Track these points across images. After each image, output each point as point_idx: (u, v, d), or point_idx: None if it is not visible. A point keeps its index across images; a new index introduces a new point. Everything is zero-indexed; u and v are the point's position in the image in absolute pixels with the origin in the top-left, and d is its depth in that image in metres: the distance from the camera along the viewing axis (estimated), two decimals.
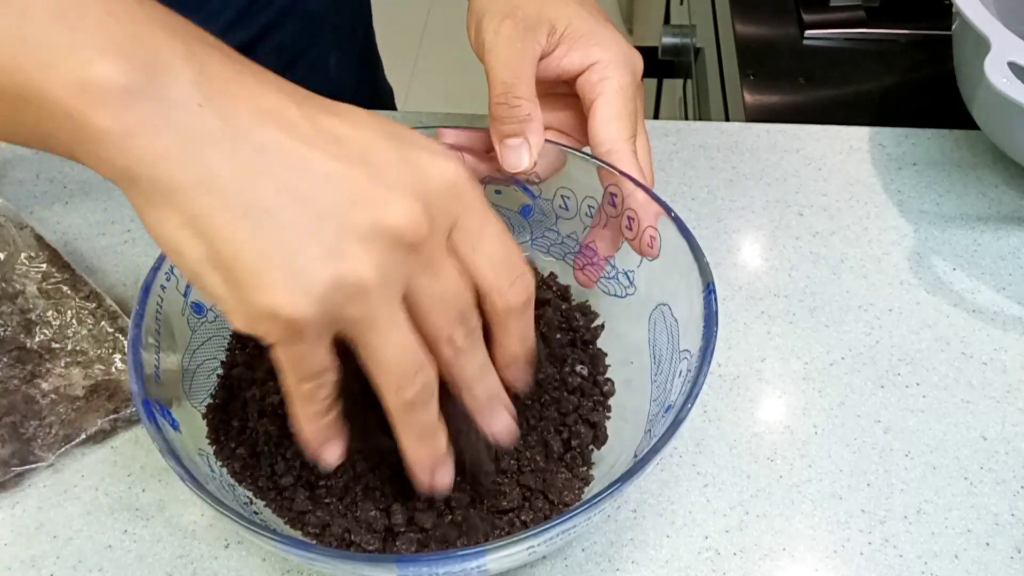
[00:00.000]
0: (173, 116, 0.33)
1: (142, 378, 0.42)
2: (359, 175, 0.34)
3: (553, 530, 0.39)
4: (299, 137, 0.34)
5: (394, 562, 0.39)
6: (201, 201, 0.33)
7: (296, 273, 0.33)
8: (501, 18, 0.51)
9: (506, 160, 0.50)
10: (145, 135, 0.33)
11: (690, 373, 0.44)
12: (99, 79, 0.32)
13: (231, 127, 0.34)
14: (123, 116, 0.33)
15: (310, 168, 0.34)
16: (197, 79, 0.34)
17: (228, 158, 0.33)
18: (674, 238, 0.48)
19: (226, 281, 0.34)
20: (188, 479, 0.40)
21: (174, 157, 0.33)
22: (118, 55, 0.33)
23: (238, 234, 0.33)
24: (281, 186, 0.34)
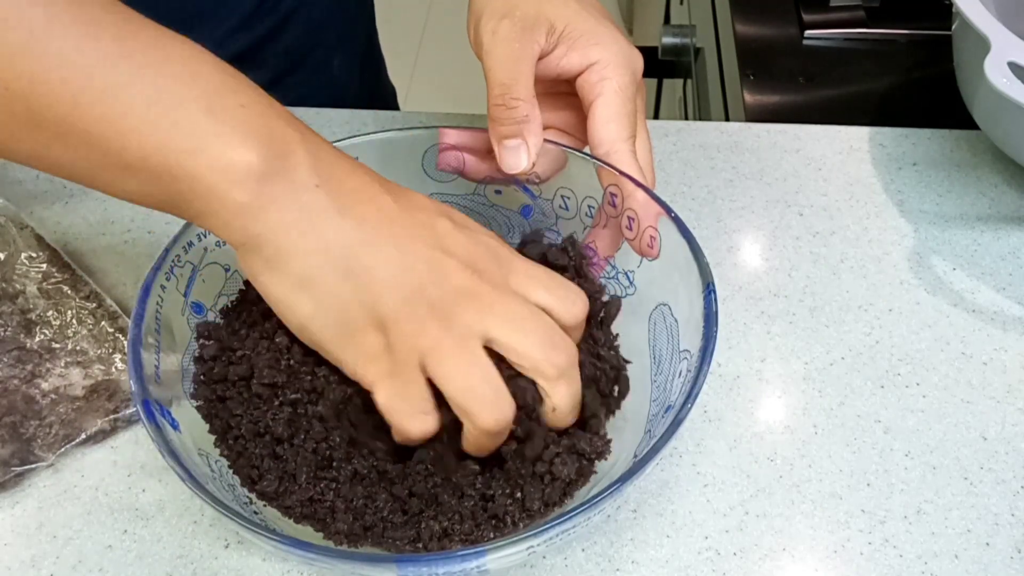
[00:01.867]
0: (297, 194, 0.41)
1: (142, 378, 0.43)
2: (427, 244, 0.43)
3: (553, 530, 0.39)
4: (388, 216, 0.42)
5: (393, 561, 0.39)
6: (315, 265, 0.41)
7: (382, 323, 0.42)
8: (499, 18, 0.51)
9: (504, 161, 0.50)
10: (275, 209, 0.40)
11: (690, 373, 0.44)
12: (241, 162, 0.39)
13: (340, 204, 0.41)
14: (259, 193, 0.40)
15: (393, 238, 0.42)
16: (314, 164, 0.41)
17: (337, 231, 0.41)
18: (674, 238, 0.48)
19: (333, 331, 0.42)
20: (188, 479, 0.40)
21: (296, 228, 0.41)
22: (256, 143, 0.40)
23: (342, 293, 0.41)
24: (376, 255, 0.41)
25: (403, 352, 0.42)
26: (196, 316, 0.48)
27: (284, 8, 0.74)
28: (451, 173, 0.54)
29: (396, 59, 0.95)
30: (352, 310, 0.41)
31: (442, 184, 0.54)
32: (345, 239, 0.41)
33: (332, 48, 0.79)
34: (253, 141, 0.40)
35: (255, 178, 0.40)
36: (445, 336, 0.41)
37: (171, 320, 0.46)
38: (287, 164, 0.40)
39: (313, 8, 0.76)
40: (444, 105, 0.87)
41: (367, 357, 0.42)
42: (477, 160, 0.53)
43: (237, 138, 0.39)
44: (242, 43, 0.72)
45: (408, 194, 0.44)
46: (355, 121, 0.70)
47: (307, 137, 0.42)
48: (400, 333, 0.41)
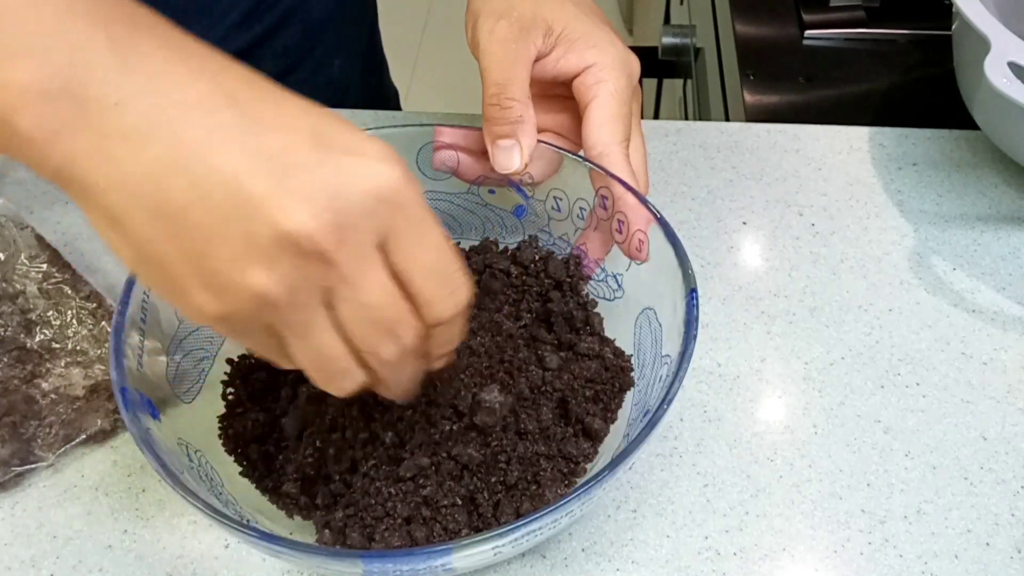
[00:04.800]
0: (91, 117, 0.33)
1: (122, 366, 0.43)
2: (267, 176, 0.33)
3: (519, 531, 0.39)
4: (218, 130, 0.33)
5: (359, 557, 0.39)
6: (118, 202, 0.33)
7: (209, 278, 0.34)
8: (496, 18, 0.51)
9: (497, 161, 0.50)
10: (65, 138, 0.33)
11: (668, 378, 0.44)
12: (18, 82, 0.32)
13: (147, 125, 0.33)
14: (43, 119, 0.32)
15: (223, 170, 0.33)
16: (118, 74, 0.33)
17: (140, 157, 0.33)
18: (661, 243, 0.48)
19: (161, 279, 0.35)
20: (160, 468, 0.40)
21: (92, 159, 0.33)
22: (35, 56, 0.32)
23: (156, 235, 0.33)
24: (193, 190, 0.33)
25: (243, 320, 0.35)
26: None
27: (283, 7, 0.74)
28: (445, 172, 0.54)
29: (396, 59, 0.95)
30: (172, 260, 0.34)
31: (436, 182, 0.55)
32: (151, 170, 0.33)
33: (332, 48, 0.79)
34: (33, 52, 0.32)
35: (36, 99, 0.32)
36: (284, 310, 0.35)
37: (158, 309, 0.47)
38: (77, 79, 0.32)
39: (313, 7, 0.76)
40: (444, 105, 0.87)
41: (206, 318, 0.35)
42: (472, 160, 0.53)
43: (12, 50, 0.32)
44: (241, 42, 0.72)
45: (269, 103, 0.35)
46: (355, 121, 0.69)
47: (120, 36, 0.33)
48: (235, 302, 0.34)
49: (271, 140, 0.33)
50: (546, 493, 0.46)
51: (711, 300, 0.60)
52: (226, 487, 0.46)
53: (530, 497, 0.46)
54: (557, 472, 0.47)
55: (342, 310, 0.36)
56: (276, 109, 0.35)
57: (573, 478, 0.48)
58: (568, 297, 0.52)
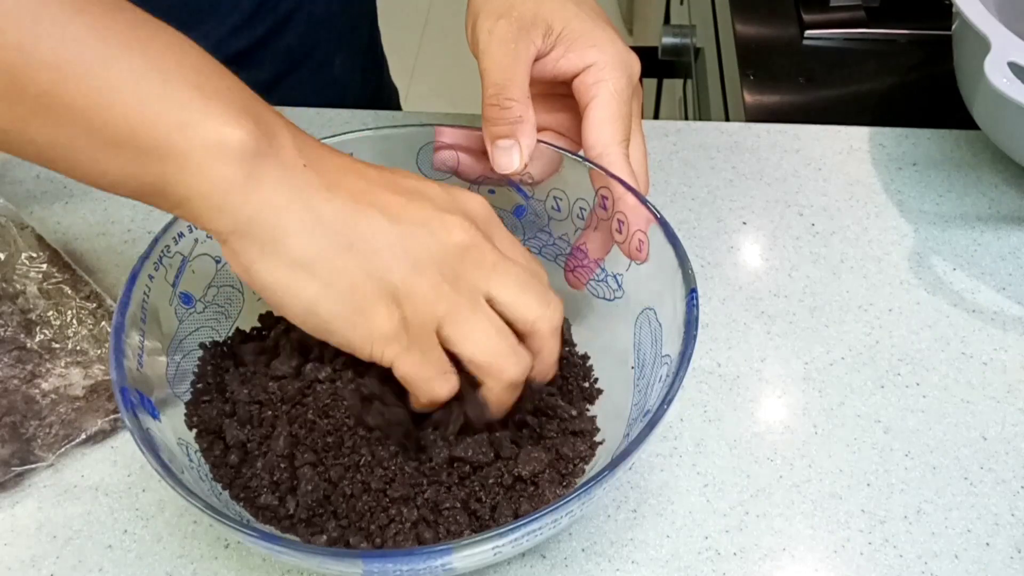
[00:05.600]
0: (287, 174, 0.40)
1: (122, 366, 0.43)
2: (425, 208, 0.42)
3: (519, 531, 0.39)
4: (375, 183, 0.42)
5: (359, 557, 0.39)
6: (314, 243, 0.40)
7: (394, 295, 0.41)
8: (496, 18, 0.51)
9: (497, 161, 0.50)
10: (267, 188, 0.40)
11: (668, 378, 0.44)
12: (234, 139, 0.39)
13: (329, 182, 0.41)
14: (252, 171, 0.39)
15: (389, 205, 0.42)
16: (298, 146, 0.41)
17: (332, 206, 0.41)
18: (661, 243, 0.48)
19: (344, 312, 0.41)
20: (160, 468, 0.40)
21: (290, 207, 0.40)
22: (246, 121, 0.39)
23: (347, 267, 0.41)
24: (375, 224, 0.41)
25: (421, 322, 0.42)
26: (184, 307, 0.48)
27: (285, 7, 0.74)
28: (445, 172, 0.54)
29: (396, 59, 0.95)
30: (361, 284, 0.41)
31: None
32: (340, 213, 0.41)
33: (333, 48, 0.79)
34: (244, 119, 0.39)
35: (247, 155, 0.39)
36: (458, 298, 0.42)
37: (158, 310, 0.47)
38: (275, 144, 0.40)
39: (314, 7, 0.76)
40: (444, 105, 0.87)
41: (382, 335, 0.42)
42: (472, 160, 0.53)
43: (229, 115, 0.39)
44: (243, 42, 0.72)
45: (391, 169, 0.44)
46: (355, 121, 0.70)
47: (287, 122, 0.42)
48: (416, 302, 0.41)
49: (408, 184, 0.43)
50: (546, 493, 0.46)
51: (711, 300, 0.60)
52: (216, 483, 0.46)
53: (529, 498, 0.46)
54: (555, 474, 0.47)
55: (503, 285, 0.43)
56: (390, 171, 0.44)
57: (572, 479, 0.48)
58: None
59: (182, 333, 0.49)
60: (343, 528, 0.45)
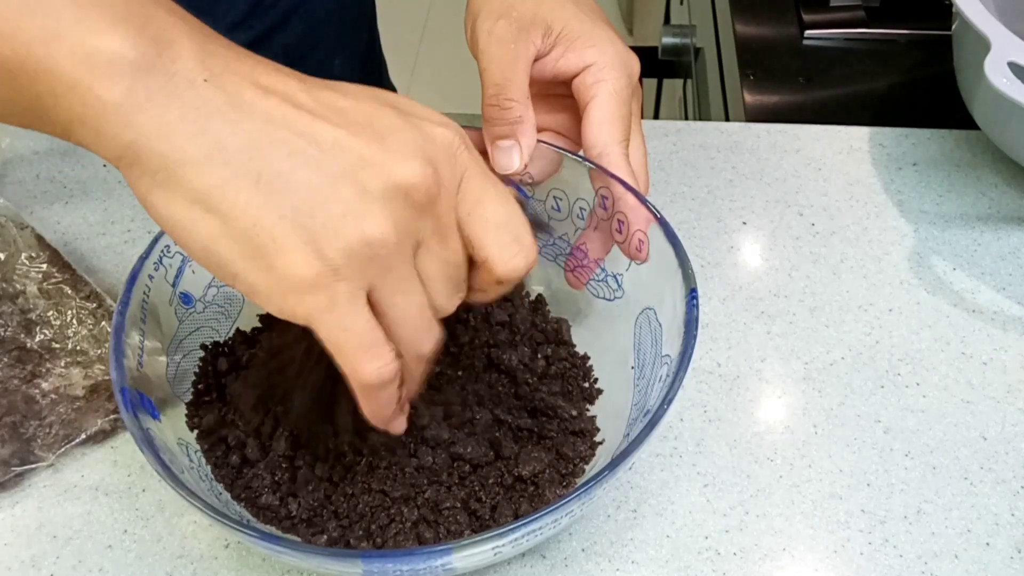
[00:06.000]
0: (180, 90, 0.33)
1: (122, 366, 0.43)
2: (367, 139, 0.35)
3: (519, 531, 0.39)
4: (303, 108, 0.35)
5: (359, 557, 0.39)
6: (212, 174, 0.33)
7: (318, 233, 0.34)
8: (495, 18, 0.51)
9: (497, 161, 0.50)
10: (152, 108, 0.33)
11: (668, 378, 0.44)
12: (108, 50, 0.32)
13: (236, 100, 0.34)
14: (131, 88, 0.33)
15: (318, 135, 0.34)
16: (201, 57, 0.34)
17: (236, 130, 0.34)
18: (661, 243, 0.48)
19: (245, 254, 0.34)
20: (160, 468, 0.40)
21: (182, 131, 0.33)
22: (126, 28, 0.33)
23: (253, 201, 0.33)
24: (291, 152, 0.34)
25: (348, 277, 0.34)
26: (184, 307, 0.48)
27: (283, 6, 0.74)
28: None
29: (396, 59, 0.95)
30: (269, 223, 0.33)
31: None
32: (248, 138, 0.33)
33: (332, 48, 0.79)
34: (123, 26, 0.33)
35: (125, 69, 0.32)
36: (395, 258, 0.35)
37: (157, 310, 0.47)
38: (166, 54, 0.33)
39: (313, 7, 0.76)
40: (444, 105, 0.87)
41: (294, 284, 0.34)
42: None
43: (103, 21, 0.33)
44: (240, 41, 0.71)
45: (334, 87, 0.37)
46: None
47: (195, 28, 0.35)
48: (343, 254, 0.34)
49: (357, 113, 0.35)
50: (546, 493, 0.46)
51: (711, 300, 0.60)
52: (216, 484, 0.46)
53: (529, 498, 0.46)
54: (555, 473, 0.47)
55: (429, 261, 0.37)
56: (343, 90, 0.36)
57: (572, 479, 0.48)
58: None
59: (182, 333, 0.49)
60: (343, 528, 0.45)
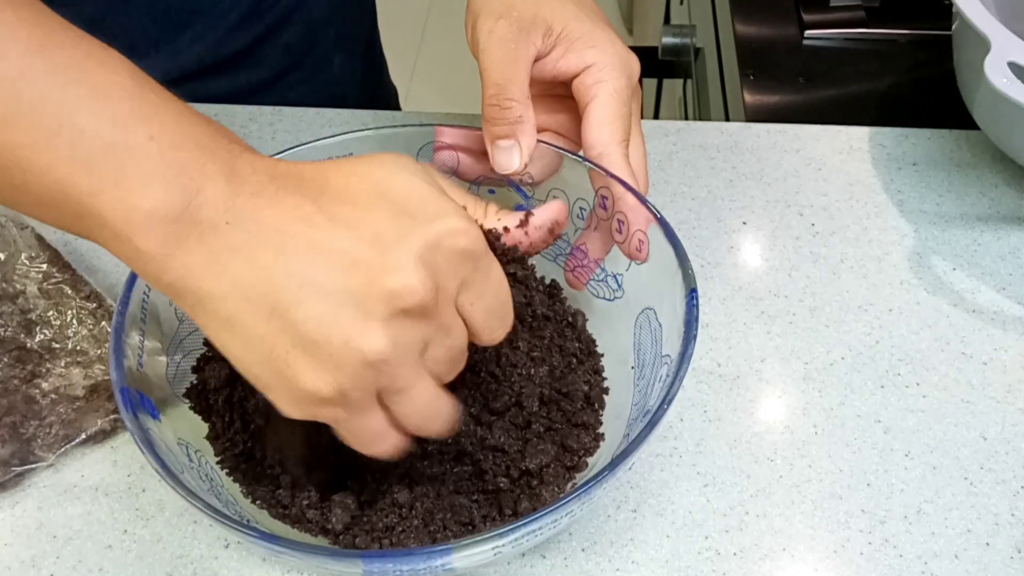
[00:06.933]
0: (205, 236, 0.37)
1: (122, 366, 0.43)
2: (372, 255, 0.37)
3: (519, 531, 0.39)
4: (315, 229, 0.37)
5: (359, 557, 0.39)
6: (232, 307, 0.37)
7: (325, 360, 0.37)
8: (496, 18, 0.51)
9: (497, 161, 0.50)
10: (182, 255, 0.37)
11: (668, 378, 0.44)
12: (142, 208, 0.36)
13: (256, 237, 0.37)
14: (164, 240, 0.37)
15: (327, 258, 0.37)
16: (225, 198, 0.37)
17: (253, 266, 0.37)
18: (661, 243, 0.48)
19: (269, 374, 0.38)
20: (160, 468, 0.40)
21: (207, 272, 0.37)
22: (159, 183, 0.36)
23: (269, 332, 0.37)
24: (301, 283, 0.37)
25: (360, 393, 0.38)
26: None
27: (284, 6, 0.74)
28: (446, 172, 0.54)
29: (396, 59, 0.95)
30: (283, 350, 0.37)
31: None
32: (262, 276, 0.37)
33: (332, 47, 0.79)
34: (157, 181, 0.36)
35: (158, 223, 0.36)
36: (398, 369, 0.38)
37: (158, 310, 0.47)
38: (194, 203, 0.37)
39: (313, 7, 0.76)
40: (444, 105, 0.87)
41: (312, 400, 0.38)
42: (472, 160, 0.53)
43: (138, 179, 0.36)
44: (242, 41, 0.72)
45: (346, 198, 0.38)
46: (355, 121, 0.70)
47: (226, 164, 0.38)
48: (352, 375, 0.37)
49: (365, 226, 0.37)
50: (548, 492, 0.46)
51: (711, 300, 0.60)
52: (226, 487, 0.46)
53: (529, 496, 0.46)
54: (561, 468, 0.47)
55: (436, 354, 0.39)
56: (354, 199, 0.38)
57: (575, 472, 0.48)
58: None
59: (182, 333, 0.49)
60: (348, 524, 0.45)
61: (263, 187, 0.38)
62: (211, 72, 0.72)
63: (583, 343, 0.52)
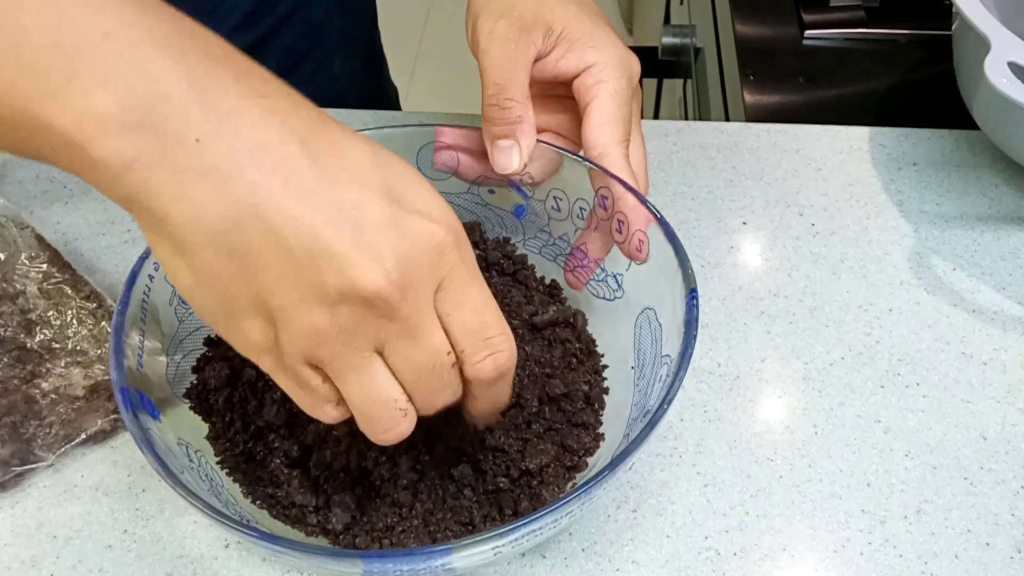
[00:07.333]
0: (169, 150, 0.33)
1: (122, 366, 0.43)
2: (343, 236, 0.34)
3: (519, 531, 0.39)
4: (294, 179, 0.34)
5: (360, 557, 0.39)
6: (191, 237, 0.34)
7: (274, 313, 0.35)
8: (496, 18, 0.51)
9: (496, 161, 0.50)
10: (141, 169, 0.33)
11: (668, 378, 0.44)
12: (97, 111, 0.32)
13: (226, 164, 0.33)
14: (121, 149, 0.33)
15: (299, 222, 0.34)
16: (197, 110, 0.33)
17: (219, 197, 0.34)
18: (661, 243, 0.48)
19: (216, 310, 0.36)
20: (161, 468, 0.40)
21: (168, 192, 0.34)
22: (116, 85, 0.32)
23: (225, 271, 0.34)
24: (269, 235, 0.34)
25: (292, 354, 0.36)
26: (184, 306, 0.48)
27: (284, 7, 0.74)
28: (446, 172, 0.54)
29: (396, 59, 0.95)
30: (235, 292, 0.35)
31: (436, 182, 0.54)
32: (228, 210, 0.34)
33: (333, 48, 0.79)
34: (113, 83, 0.32)
35: (115, 128, 0.33)
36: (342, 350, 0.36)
37: (157, 309, 0.47)
38: (157, 111, 0.33)
39: (313, 8, 0.76)
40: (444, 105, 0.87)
41: (254, 346, 0.37)
42: (472, 160, 0.53)
43: (93, 79, 0.32)
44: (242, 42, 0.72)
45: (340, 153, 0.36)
46: (355, 121, 0.70)
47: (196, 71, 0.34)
48: (291, 336, 0.35)
49: (346, 195, 0.35)
50: (548, 492, 0.46)
51: (711, 300, 0.60)
52: (226, 487, 0.46)
53: (529, 496, 0.46)
54: (561, 468, 0.47)
55: (396, 361, 0.37)
56: (347, 158, 0.36)
57: (575, 472, 0.48)
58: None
59: (182, 333, 0.49)
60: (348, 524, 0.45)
61: (246, 105, 0.34)
62: None
63: (583, 343, 0.52)
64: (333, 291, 0.34)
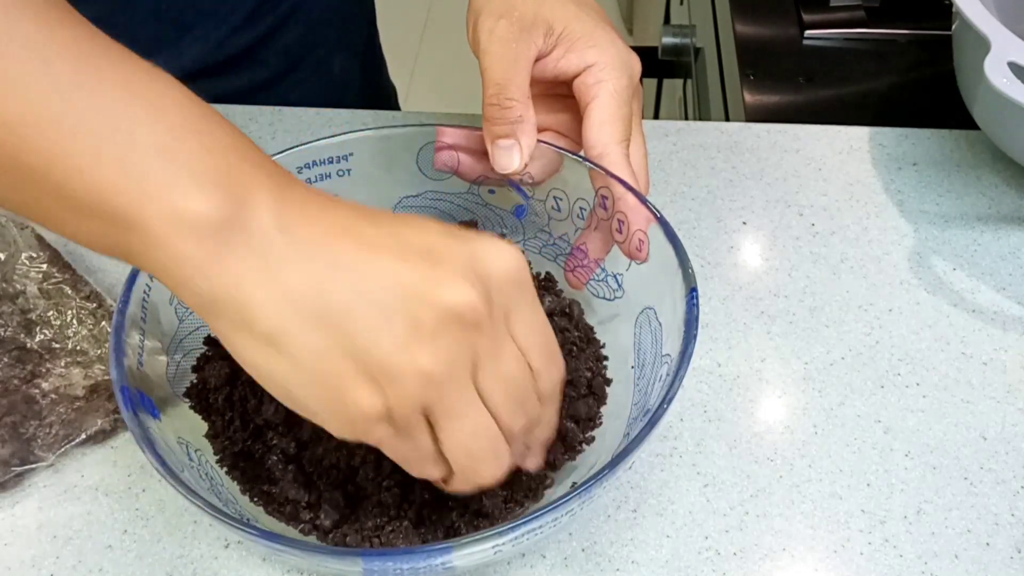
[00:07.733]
0: (255, 243, 0.36)
1: (122, 366, 0.43)
2: (423, 267, 0.36)
3: (519, 529, 0.39)
4: (369, 245, 0.37)
5: (359, 555, 0.39)
6: (279, 315, 0.35)
7: (375, 371, 0.36)
8: (497, 18, 0.51)
9: (497, 161, 0.50)
10: (230, 261, 0.35)
11: (668, 378, 0.44)
12: (192, 212, 0.35)
13: (307, 247, 0.36)
14: (212, 246, 0.35)
15: (379, 271, 0.36)
16: (277, 207, 0.36)
17: (303, 275, 0.36)
18: (661, 243, 0.48)
19: (316, 393, 0.37)
20: (161, 467, 0.40)
21: (254, 278, 0.35)
22: (212, 188, 0.35)
23: (318, 342, 0.36)
24: (353, 292, 0.36)
25: (406, 410, 0.37)
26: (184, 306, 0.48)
27: (284, 7, 0.74)
28: (446, 172, 0.54)
29: (396, 59, 0.95)
30: (334, 362, 0.36)
31: (436, 182, 0.55)
32: (313, 282, 0.36)
33: (332, 47, 0.79)
34: (209, 186, 0.35)
35: (208, 228, 0.35)
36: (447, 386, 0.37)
37: (158, 309, 0.47)
38: (245, 210, 0.36)
39: (313, 7, 0.76)
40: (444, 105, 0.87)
41: (364, 418, 0.37)
42: (472, 160, 0.53)
43: (190, 183, 0.35)
44: (242, 42, 0.73)
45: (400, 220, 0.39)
46: (355, 121, 0.70)
47: (274, 179, 0.37)
48: (400, 388, 0.36)
49: (414, 241, 0.37)
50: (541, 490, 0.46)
51: (711, 300, 0.60)
52: (226, 486, 0.46)
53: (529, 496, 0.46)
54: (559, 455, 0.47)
55: (486, 384, 0.38)
56: (411, 223, 0.38)
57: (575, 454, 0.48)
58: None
59: (182, 332, 0.49)
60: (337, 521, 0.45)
61: (310, 199, 0.38)
62: (211, 73, 0.72)
63: (581, 331, 0.52)
64: (430, 322, 0.36)
